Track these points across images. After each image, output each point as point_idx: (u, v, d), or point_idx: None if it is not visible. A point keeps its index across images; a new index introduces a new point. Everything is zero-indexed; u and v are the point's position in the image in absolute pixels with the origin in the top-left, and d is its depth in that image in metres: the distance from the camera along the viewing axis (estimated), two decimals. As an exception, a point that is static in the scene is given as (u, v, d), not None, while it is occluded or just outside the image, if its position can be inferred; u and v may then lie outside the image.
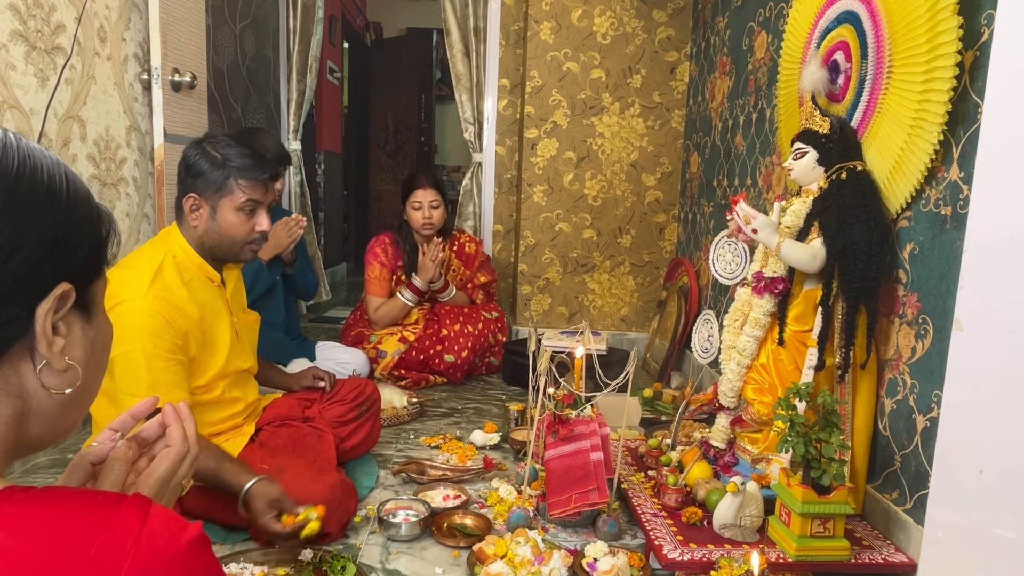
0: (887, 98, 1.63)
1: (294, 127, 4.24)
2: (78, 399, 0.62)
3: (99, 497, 0.53)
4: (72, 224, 0.58)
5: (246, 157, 1.63)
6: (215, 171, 1.61)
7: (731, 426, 1.84)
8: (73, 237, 0.58)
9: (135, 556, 0.49)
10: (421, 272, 2.98)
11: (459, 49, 3.80)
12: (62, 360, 0.58)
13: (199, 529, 0.54)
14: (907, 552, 1.53)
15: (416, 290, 3.00)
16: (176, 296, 1.56)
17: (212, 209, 1.62)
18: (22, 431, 0.59)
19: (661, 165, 3.50)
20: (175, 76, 2.48)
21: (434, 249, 2.95)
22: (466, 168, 4.07)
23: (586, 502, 1.66)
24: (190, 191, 1.63)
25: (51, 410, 0.60)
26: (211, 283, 1.68)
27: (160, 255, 1.60)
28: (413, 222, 3.01)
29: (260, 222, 1.67)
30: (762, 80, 2.52)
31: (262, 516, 1.46)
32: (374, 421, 2.08)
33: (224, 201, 1.62)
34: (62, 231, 0.57)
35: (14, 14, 1.86)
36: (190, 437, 0.75)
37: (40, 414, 0.59)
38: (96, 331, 0.63)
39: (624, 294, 3.60)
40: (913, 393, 1.57)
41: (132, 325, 1.46)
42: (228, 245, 1.66)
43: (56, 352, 0.58)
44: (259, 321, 1.93)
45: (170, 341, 1.52)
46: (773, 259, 1.74)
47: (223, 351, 1.68)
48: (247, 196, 1.63)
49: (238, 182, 1.62)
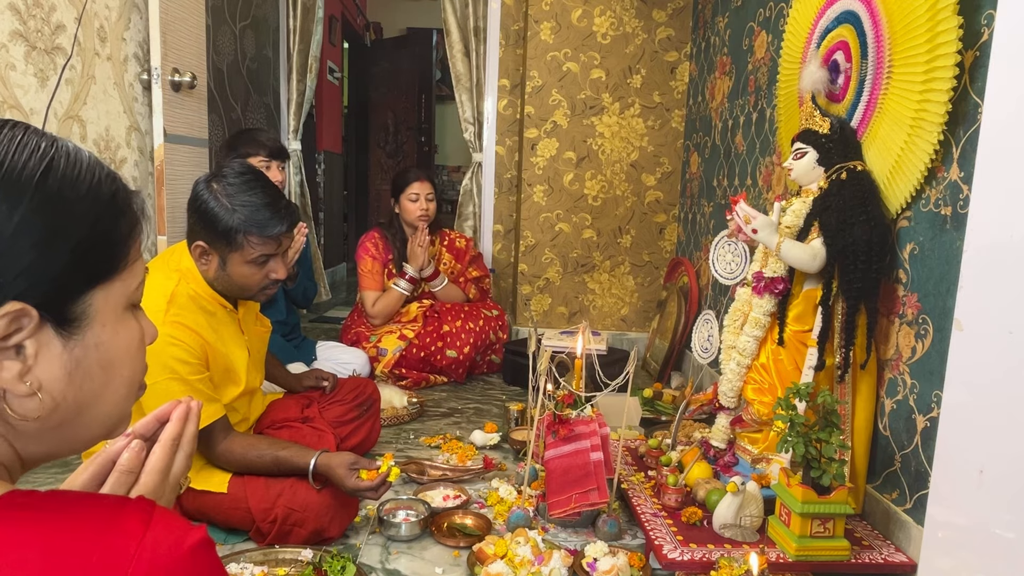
0: (887, 98, 1.63)
1: (294, 127, 4.24)
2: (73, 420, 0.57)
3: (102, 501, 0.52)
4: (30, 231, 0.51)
5: (258, 211, 1.52)
6: (224, 222, 1.51)
7: (731, 426, 1.84)
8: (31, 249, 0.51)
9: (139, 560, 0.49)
10: (411, 260, 3.04)
11: (459, 49, 3.80)
12: (20, 385, 0.53)
13: (203, 532, 0.53)
14: (907, 552, 1.53)
15: (409, 279, 3.04)
16: (191, 321, 1.52)
17: (222, 260, 1.55)
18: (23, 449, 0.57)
19: (661, 165, 3.50)
20: (175, 76, 2.48)
21: (420, 235, 3.02)
22: (466, 168, 4.07)
23: (586, 502, 1.66)
24: (199, 239, 1.54)
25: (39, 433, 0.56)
26: (224, 308, 1.64)
27: (172, 282, 1.54)
28: (408, 214, 3.06)
29: (274, 270, 1.59)
30: (762, 80, 2.52)
31: (348, 481, 1.53)
32: (374, 421, 2.08)
33: (234, 255, 1.54)
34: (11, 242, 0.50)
35: (14, 14, 1.86)
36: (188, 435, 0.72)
37: (30, 436, 0.56)
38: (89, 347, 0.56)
39: (624, 294, 3.60)
40: (913, 393, 1.57)
41: (156, 359, 1.39)
42: (239, 291, 1.61)
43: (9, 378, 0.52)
44: (270, 330, 1.89)
45: (196, 364, 1.51)
46: (773, 259, 1.74)
47: (242, 376, 1.65)
48: (259, 252, 1.54)
49: (248, 238, 1.52)
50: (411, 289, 3.07)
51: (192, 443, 0.73)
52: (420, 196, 3.03)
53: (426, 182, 3.06)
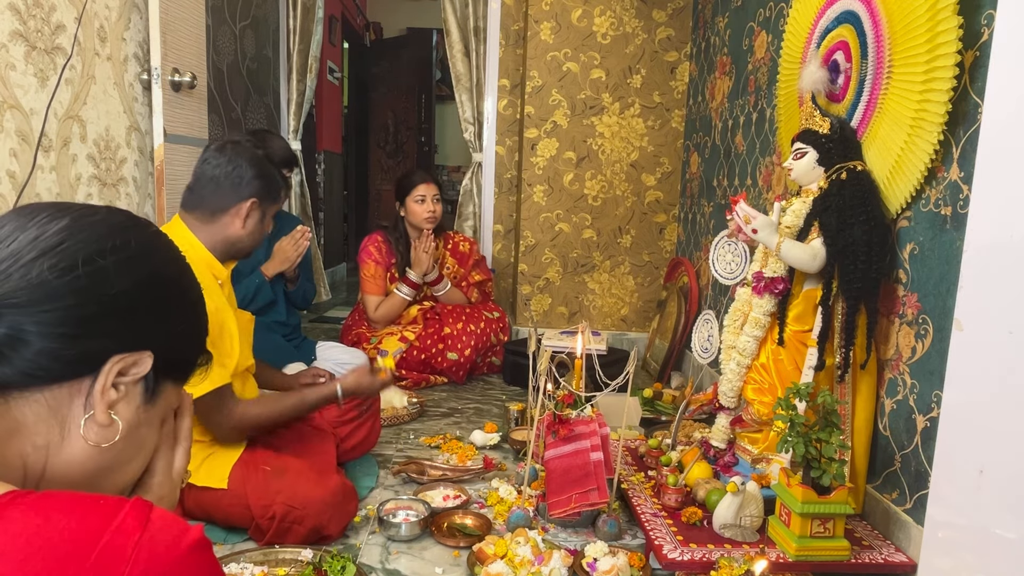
0: (887, 98, 1.63)
1: (294, 127, 4.24)
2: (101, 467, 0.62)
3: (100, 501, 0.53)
4: (185, 318, 0.65)
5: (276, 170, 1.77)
6: (275, 181, 1.71)
7: (731, 426, 1.84)
8: (180, 326, 0.65)
9: (136, 560, 0.49)
10: (415, 265, 3.02)
11: (459, 49, 3.80)
12: (107, 414, 0.60)
13: (200, 532, 0.54)
14: (907, 552, 1.53)
15: (412, 284, 3.02)
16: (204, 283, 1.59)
17: (262, 214, 1.69)
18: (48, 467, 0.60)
19: (661, 165, 3.50)
20: (175, 76, 2.48)
21: (426, 240, 3.00)
22: (466, 168, 4.07)
23: (586, 502, 1.66)
24: (255, 195, 1.66)
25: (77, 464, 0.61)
26: (215, 280, 1.68)
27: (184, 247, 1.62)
28: (415, 216, 3.03)
29: (269, 224, 1.79)
30: (762, 80, 2.52)
31: (377, 383, 1.84)
32: (374, 421, 2.08)
33: (270, 209, 1.72)
34: (177, 316, 0.64)
35: (14, 14, 1.86)
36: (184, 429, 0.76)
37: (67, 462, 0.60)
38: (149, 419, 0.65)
39: (624, 294, 3.60)
40: (913, 393, 1.57)
41: None
42: (248, 250, 1.73)
43: (106, 400, 0.59)
44: (252, 321, 1.93)
45: None
46: (773, 259, 1.74)
47: (237, 345, 1.69)
48: (277, 207, 1.76)
49: (281, 193, 1.76)
50: (413, 295, 3.06)
51: (189, 437, 0.76)
52: (427, 198, 3.01)
53: (432, 184, 3.04)
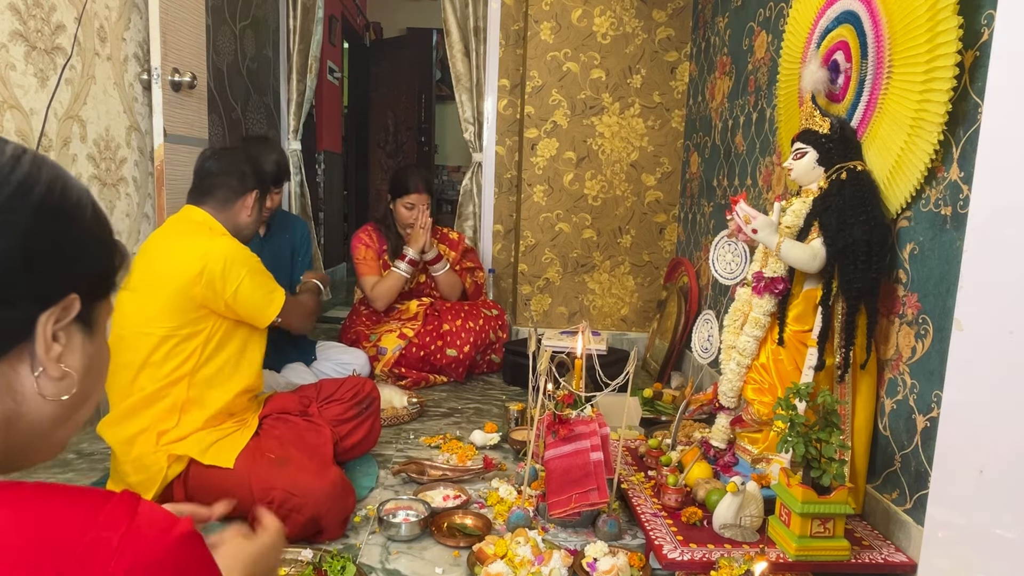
0: (887, 98, 1.63)
1: (294, 127, 4.24)
2: (70, 412, 0.62)
3: (87, 494, 0.53)
4: (91, 243, 0.61)
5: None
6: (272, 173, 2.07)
7: (731, 426, 1.84)
8: (90, 254, 0.61)
9: (122, 552, 0.49)
10: (412, 242, 3.02)
11: (459, 49, 3.80)
12: (58, 367, 0.59)
13: (189, 524, 0.54)
14: (907, 552, 1.53)
15: (410, 262, 3.01)
16: None
17: (260, 204, 1.95)
18: (10, 437, 0.58)
19: (661, 165, 3.50)
20: (175, 76, 2.48)
21: (423, 216, 3.01)
22: (466, 168, 4.06)
23: (586, 502, 1.66)
24: (257, 187, 1.92)
25: (42, 420, 0.60)
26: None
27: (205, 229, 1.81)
28: (403, 219, 3.06)
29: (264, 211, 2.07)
30: (762, 80, 2.52)
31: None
32: (374, 420, 2.08)
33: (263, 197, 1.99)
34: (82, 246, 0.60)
35: (14, 14, 1.86)
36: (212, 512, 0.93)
37: (31, 423, 0.59)
38: (95, 349, 0.64)
39: (624, 294, 3.60)
40: (913, 393, 1.57)
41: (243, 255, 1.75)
42: (254, 231, 1.98)
43: (52, 357, 0.58)
44: None
45: None
46: (773, 259, 1.74)
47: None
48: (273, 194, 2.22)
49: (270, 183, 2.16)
50: (412, 272, 3.03)
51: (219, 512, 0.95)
52: (416, 206, 3.03)
53: (424, 194, 3.03)
